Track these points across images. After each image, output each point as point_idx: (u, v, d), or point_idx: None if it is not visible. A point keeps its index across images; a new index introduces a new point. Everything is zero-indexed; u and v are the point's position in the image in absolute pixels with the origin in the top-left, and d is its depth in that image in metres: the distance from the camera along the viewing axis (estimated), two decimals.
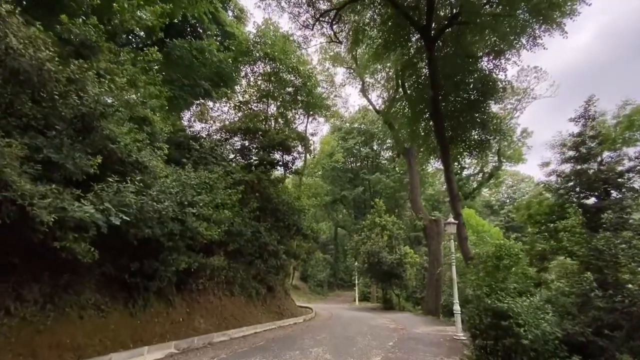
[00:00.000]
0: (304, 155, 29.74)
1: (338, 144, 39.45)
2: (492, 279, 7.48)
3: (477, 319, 6.78)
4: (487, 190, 43.99)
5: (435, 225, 20.42)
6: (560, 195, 12.76)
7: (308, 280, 42.75)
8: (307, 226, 18.82)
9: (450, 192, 15.17)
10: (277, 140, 13.71)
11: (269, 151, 13.70)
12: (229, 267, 12.28)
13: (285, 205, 15.51)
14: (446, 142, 15.05)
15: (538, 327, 5.98)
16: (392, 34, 15.85)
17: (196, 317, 10.77)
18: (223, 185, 10.06)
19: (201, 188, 9.14)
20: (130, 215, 6.49)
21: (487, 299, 6.70)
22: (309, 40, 19.22)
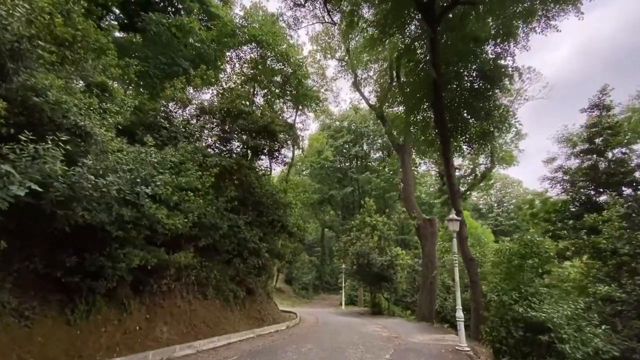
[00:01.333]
0: (292, 149, 28.30)
1: (327, 142, 38.07)
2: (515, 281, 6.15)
3: (504, 331, 5.43)
4: (475, 194, 43.51)
5: (429, 224, 19.22)
6: (576, 190, 11.70)
7: (293, 283, 41.00)
8: (294, 223, 17.23)
9: (451, 188, 13.97)
10: (261, 123, 12.13)
11: (251, 135, 12.09)
12: (201, 265, 10.58)
13: (270, 199, 13.91)
14: (447, 132, 13.87)
15: (588, 344, 4.63)
16: (390, 16, 14.57)
17: (158, 325, 9.01)
18: (193, 167, 8.40)
19: (165, 168, 7.46)
20: (56, 190, 4.82)
21: (516, 306, 5.35)
22: (300, 22, 17.82)
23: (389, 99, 23.95)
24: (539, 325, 5.02)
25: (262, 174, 16.00)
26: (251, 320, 14.24)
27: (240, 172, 11.58)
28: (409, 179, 21.26)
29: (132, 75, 13.02)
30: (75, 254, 6.37)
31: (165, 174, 7.27)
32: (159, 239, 8.11)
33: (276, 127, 12.55)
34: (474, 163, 32.00)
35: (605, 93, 11.40)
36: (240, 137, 11.41)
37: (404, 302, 25.83)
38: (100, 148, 6.31)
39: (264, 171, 17.34)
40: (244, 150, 13.27)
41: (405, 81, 16.27)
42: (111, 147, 6.58)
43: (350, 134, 39.25)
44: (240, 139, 11.53)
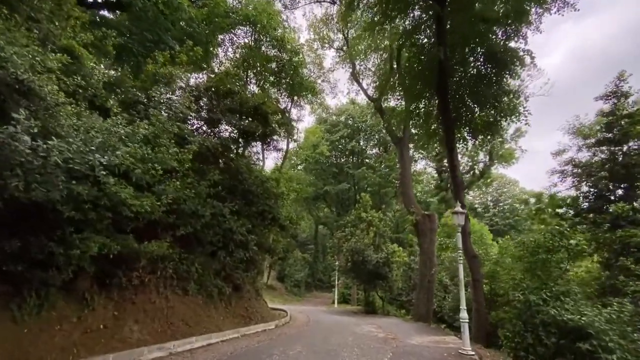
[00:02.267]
0: (286, 140, 27.23)
1: (323, 136, 37.04)
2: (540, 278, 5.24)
3: (531, 337, 4.52)
4: (472, 193, 42.89)
5: (428, 220, 18.37)
6: (594, 183, 10.86)
7: (285, 280, 40.07)
8: (286, 216, 16.23)
9: (454, 180, 13.08)
10: (251, 103, 11.06)
11: (241, 117, 11.01)
12: (180, 258, 9.53)
13: (260, 187, 12.88)
14: (451, 120, 12.98)
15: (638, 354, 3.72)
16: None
17: (127, 323, 7.96)
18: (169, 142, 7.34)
19: (135, 142, 6.39)
20: None
21: (546, 307, 4.44)
22: (297, 1, 16.72)
23: (388, 91, 23.03)
24: (576, 331, 4.13)
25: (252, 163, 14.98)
26: (237, 318, 13.22)
27: (226, 156, 10.51)
28: (407, 173, 20.38)
29: (110, 47, 11.90)
30: (17, 237, 5.29)
31: (135, 147, 6.20)
32: (129, 225, 7.05)
33: (268, 109, 11.50)
34: (472, 160, 31.28)
35: (623, 79, 10.60)
36: (228, 118, 10.32)
37: (398, 301, 25.02)
38: (48, 110, 5.23)
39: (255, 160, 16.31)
40: (233, 135, 12.19)
41: (407, 68, 15.30)
42: (65, 112, 5.50)
43: (347, 128, 38.26)
44: (229, 121, 10.44)
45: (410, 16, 14.69)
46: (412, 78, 15.37)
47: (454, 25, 12.93)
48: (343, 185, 33.94)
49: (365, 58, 25.86)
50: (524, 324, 4.87)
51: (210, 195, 9.58)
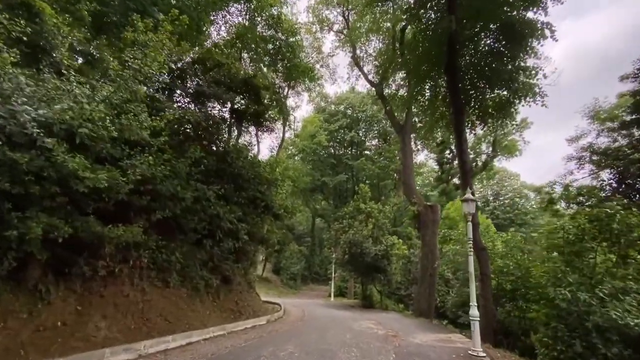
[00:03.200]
0: (282, 126, 26.07)
1: (321, 126, 35.85)
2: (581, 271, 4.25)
3: (579, 345, 3.54)
4: (473, 186, 41.96)
5: (430, 211, 17.40)
6: (624, 167, 9.86)
7: (281, 273, 39.33)
8: (280, 204, 15.20)
9: (463, 165, 12.07)
10: (241, 77, 9.91)
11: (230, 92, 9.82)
12: (158, 245, 8.47)
13: (251, 171, 11.80)
14: (461, 101, 11.94)
15: None
16: None
17: (93, 319, 6.93)
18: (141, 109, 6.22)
19: (92, 103, 5.28)
20: None
21: (603, 308, 3.45)
22: None
23: (391, 75, 21.90)
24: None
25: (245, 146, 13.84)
26: (226, 313, 12.25)
27: (211, 133, 9.39)
28: (409, 162, 19.35)
29: (84, 11, 10.65)
30: None
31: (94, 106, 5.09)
32: (89, 205, 5.97)
33: (259, 84, 10.36)
34: (475, 151, 30.30)
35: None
36: (214, 90, 9.15)
37: (397, 295, 24.21)
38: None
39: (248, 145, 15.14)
40: (223, 115, 11.04)
41: (412, 46, 14.13)
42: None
43: (346, 118, 37.06)
44: (215, 94, 9.27)
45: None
46: (417, 58, 14.21)
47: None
48: (341, 177, 32.89)
49: (367, 41, 24.62)
50: (569, 329, 3.93)
51: (192, 176, 8.49)
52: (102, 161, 5.88)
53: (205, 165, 9.15)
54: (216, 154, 10.01)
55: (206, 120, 8.62)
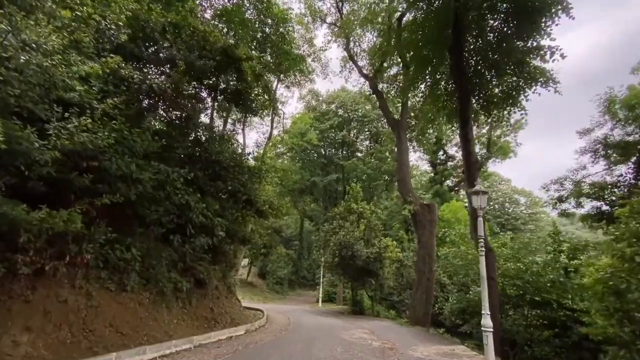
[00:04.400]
0: (271, 117, 24.65)
1: (312, 124, 34.55)
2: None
3: None
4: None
5: (427, 210, 16.23)
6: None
7: (267, 277, 37.53)
8: (265, 200, 13.73)
9: (468, 157, 10.92)
10: (219, 45, 8.46)
11: (204, 59, 8.33)
12: (109, 239, 6.89)
13: (231, 159, 10.34)
14: (467, 86, 10.82)
15: None
16: None
17: (10, 331, 5.33)
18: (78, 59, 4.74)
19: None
20: None
21: None
22: None
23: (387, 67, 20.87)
24: None
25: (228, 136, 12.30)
26: (198, 321, 10.64)
27: (178, 103, 7.87)
28: (405, 158, 18.21)
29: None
30: None
31: None
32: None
33: (241, 55, 8.93)
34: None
35: None
36: (187, 57, 7.64)
37: (389, 301, 22.88)
38: None
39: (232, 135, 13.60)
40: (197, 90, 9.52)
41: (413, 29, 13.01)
42: None
43: (337, 117, 35.87)
44: (189, 63, 7.76)
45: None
46: (417, 42, 13.08)
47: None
48: (331, 176, 31.58)
49: (362, 34, 23.59)
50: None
51: (154, 154, 6.97)
52: (25, 122, 4.37)
53: (172, 145, 7.60)
54: (180, 130, 8.44)
55: (173, 83, 7.11)
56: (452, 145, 30.33)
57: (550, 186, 14.08)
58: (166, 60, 7.83)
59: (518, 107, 11.24)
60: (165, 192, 7.47)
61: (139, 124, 6.22)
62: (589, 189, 12.25)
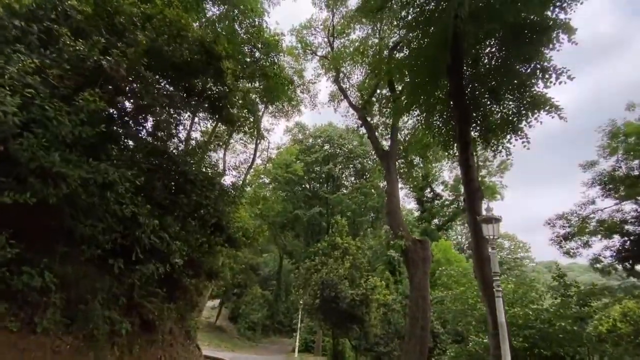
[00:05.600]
0: (255, 142, 23.52)
1: (298, 157, 33.71)
2: None
3: None
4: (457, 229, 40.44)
5: (420, 247, 14.75)
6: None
7: (239, 321, 33.85)
8: (239, 226, 11.98)
9: (469, 184, 9.86)
10: (196, 36, 7.28)
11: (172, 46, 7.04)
12: (8, 256, 5.00)
13: (202, 174, 8.81)
14: (467, 106, 10.11)
15: None
16: None
17: None
18: None
19: None
20: None
21: None
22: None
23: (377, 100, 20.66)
24: None
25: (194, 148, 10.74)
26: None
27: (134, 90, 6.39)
28: (395, 189, 17.07)
29: None
30: None
31: None
32: None
33: (220, 53, 7.79)
34: (456, 190, 29.04)
35: None
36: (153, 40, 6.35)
37: (374, 352, 20.29)
38: None
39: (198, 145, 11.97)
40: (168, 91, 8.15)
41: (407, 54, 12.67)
42: None
43: (323, 151, 35.34)
44: (155, 50, 6.48)
45: None
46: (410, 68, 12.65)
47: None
48: (315, 209, 30.05)
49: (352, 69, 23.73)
50: None
51: (90, 147, 5.38)
52: None
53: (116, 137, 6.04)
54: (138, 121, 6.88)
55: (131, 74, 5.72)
56: (438, 183, 29.86)
57: (555, 221, 13.13)
58: (127, 45, 6.52)
59: (519, 134, 10.53)
60: (101, 199, 5.75)
61: (70, 102, 4.73)
62: (599, 227, 11.35)
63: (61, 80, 4.88)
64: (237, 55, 17.38)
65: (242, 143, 24.44)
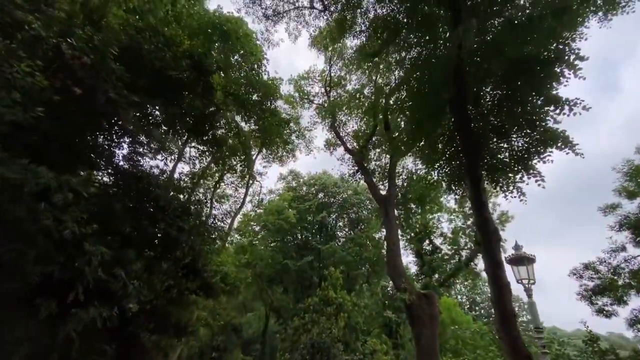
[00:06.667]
0: (246, 186, 22.44)
1: (290, 204, 32.55)
2: None
3: None
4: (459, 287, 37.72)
5: (426, 302, 12.90)
6: None
7: None
8: (216, 269, 10.29)
9: (483, 224, 8.72)
10: (185, 47, 6.63)
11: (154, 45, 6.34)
12: None
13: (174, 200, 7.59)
14: (473, 141, 9.43)
15: None
16: None
17: None
18: None
19: None
20: None
21: None
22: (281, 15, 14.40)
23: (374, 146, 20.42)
24: None
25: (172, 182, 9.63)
26: None
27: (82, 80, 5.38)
28: (394, 236, 15.65)
29: None
30: None
31: None
32: None
33: (211, 66, 7.09)
34: (454, 243, 27.53)
35: None
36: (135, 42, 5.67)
37: None
38: None
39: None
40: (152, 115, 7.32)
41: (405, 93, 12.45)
42: None
43: (317, 199, 34.38)
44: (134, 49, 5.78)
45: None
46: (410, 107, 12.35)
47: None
48: (306, 259, 27.88)
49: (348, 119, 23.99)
50: None
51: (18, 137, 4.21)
52: None
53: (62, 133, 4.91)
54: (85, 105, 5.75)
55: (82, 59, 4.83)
56: (437, 235, 28.47)
57: (582, 272, 11.58)
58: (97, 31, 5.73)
59: (531, 172, 9.72)
60: (36, 214, 4.41)
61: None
62: (633, 279, 9.87)
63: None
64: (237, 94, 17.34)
65: (233, 187, 23.41)
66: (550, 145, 9.28)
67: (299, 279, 28.65)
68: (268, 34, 15.20)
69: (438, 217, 27.88)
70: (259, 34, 15.52)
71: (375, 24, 12.81)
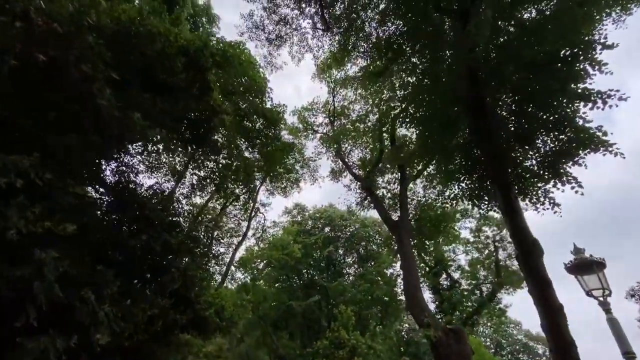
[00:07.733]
0: (249, 215, 21.33)
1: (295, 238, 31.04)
2: None
3: None
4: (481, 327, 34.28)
5: (454, 339, 11.08)
6: None
7: None
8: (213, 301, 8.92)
9: (519, 236, 7.54)
10: (180, 43, 6.06)
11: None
12: None
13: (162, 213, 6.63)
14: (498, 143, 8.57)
15: None
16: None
17: None
18: None
19: None
20: None
21: None
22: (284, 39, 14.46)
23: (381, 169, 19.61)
24: None
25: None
26: None
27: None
28: (411, 265, 14.09)
29: None
30: None
31: None
32: None
33: (208, 63, 6.52)
34: (473, 277, 25.41)
35: None
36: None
37: None
38: None
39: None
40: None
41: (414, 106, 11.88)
42: None
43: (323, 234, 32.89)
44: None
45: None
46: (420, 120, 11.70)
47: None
48: (313, 299, 25.68)
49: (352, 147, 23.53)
50: None
51: None
52: None
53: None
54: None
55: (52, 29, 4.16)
56: (454, 269, 26.47)
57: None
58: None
59: (565, 178, 8.65)
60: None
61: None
62: None
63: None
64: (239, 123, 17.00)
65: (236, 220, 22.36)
66: (584, 147, 8.33)
67: (305, 321, 26.20)
68: (271, 58, 15.17)
69: (453, 249, 26.13)
70: (262, 58, 15.53)
71: (379, 45, 12.69)
